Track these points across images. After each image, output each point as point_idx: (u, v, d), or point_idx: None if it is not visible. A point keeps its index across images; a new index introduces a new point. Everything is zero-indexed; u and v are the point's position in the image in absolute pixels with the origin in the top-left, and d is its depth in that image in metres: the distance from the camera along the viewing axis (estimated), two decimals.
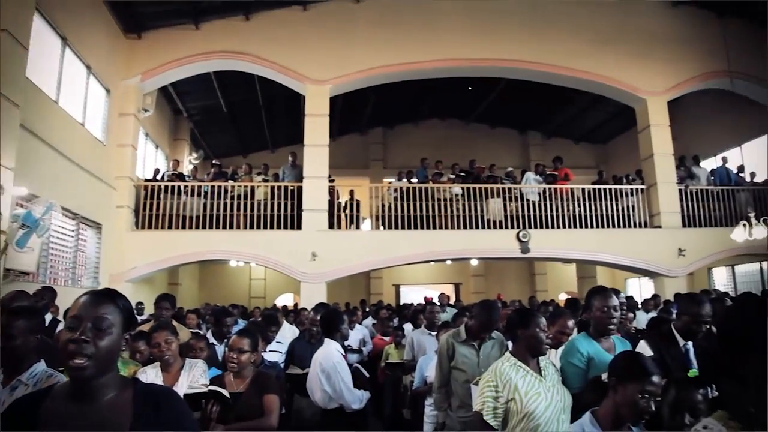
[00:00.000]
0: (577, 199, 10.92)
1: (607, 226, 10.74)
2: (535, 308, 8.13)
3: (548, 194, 10.86)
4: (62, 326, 4.57)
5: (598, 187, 11.10)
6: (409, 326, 6.61)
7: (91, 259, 9.03)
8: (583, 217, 10.72)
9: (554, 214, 10.68)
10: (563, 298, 14.51)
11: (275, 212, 10.13)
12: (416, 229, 10.37)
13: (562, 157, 11.86)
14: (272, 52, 10.43)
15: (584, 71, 11.07)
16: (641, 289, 14.73)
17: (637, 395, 2.01)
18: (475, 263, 15.90)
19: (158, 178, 10.96)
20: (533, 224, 10.56)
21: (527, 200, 10.80)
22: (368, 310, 11.02)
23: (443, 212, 10.56)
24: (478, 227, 10.49)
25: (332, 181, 10.86)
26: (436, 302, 7.92)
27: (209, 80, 11.75)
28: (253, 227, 10.07)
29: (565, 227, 10.65)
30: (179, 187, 10.25)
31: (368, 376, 4.38)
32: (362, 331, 7.21)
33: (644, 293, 12.98)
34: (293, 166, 10.83)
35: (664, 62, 11.22)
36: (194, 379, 3.16)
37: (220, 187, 10.33)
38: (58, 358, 2.53)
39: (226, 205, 10.16)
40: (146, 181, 10.63)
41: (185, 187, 10.28)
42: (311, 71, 10.48)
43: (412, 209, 10.49)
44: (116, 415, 1.37)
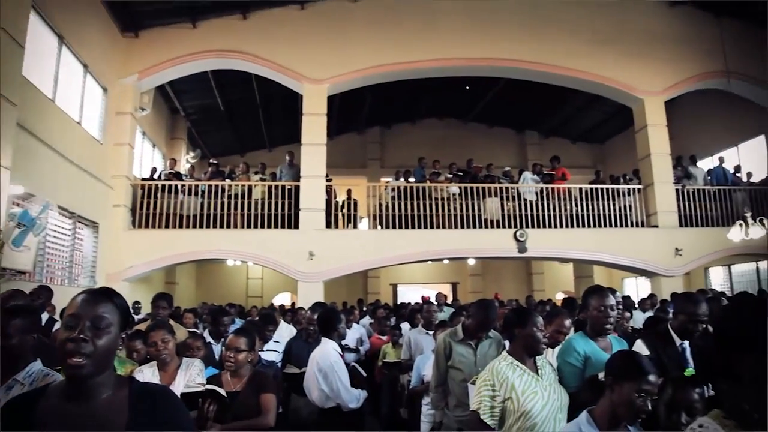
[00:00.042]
0: (574, 198, 10.94)
1: (604, 225, 10.76)
2: (532, 307, 8.13)
3: (545, 194, 10.87)
4: (59, 325, 4.57)
5: (595, 186, 11.12)
6: (406, 325, 6.60)
7: (87, 258, 9.01)
8: (580, 216, 10.74)
9: (551, 213, 10.69)
10: (560, 297, 14.50)
11: (272, 211, 10.12)
12: (413, 228, 10.37)
13: (559, 156, 11.87)
14: (270, 51, 10.42)
15: (582, 71, 11.08)
16: (638, 288, 14.76)
17: (633, 394, 2.01)
18: (472, 263, 15.91)
19: (155, 177, 10.93)
20: (530, 224, 10.57)
21: (524, 200, 10.81)
22: (365, 309, 11.02)
23: (440, 212, 10.56)
24: (475, 227, 10.50)
25: (329, 180, 10.85)
26: (433, 301, 7.93)
27: (206, 79, 11.72)
28: (250, 226, 10.06)
29: (562, 227, 10.67)
30: (176, 186, 10.23)
31: (365, 375, 4.37)
32: (359, 330, 7.21)
33: (641, 293, 13.00)
34: (290, 165, 10.82)
35: (661, 62, 11.25)
36: (191, 378, 3.15)
37: (217, 186, 10.32)
38: (54, 357, 2.53)
39: (223, 204, 10.15)
40: (143, 180, 10.60)
41: (182, 186, 10.26)
42: (309, 70, 10.47)
43: (409, 209, 10.49)
44: (112, 414, 1.37)
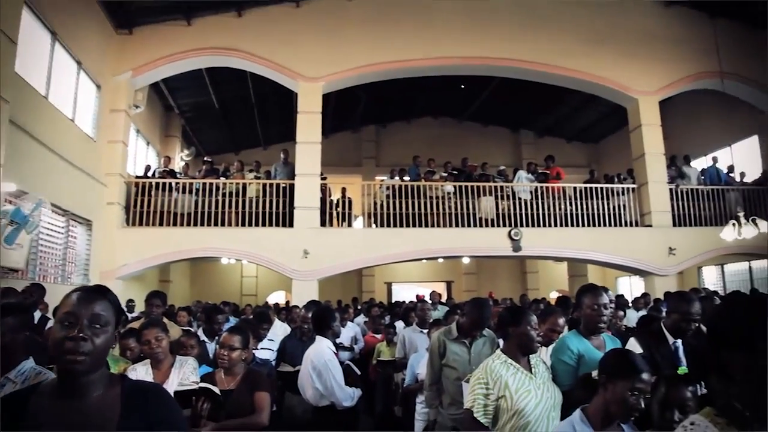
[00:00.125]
0: (568, 197, 10.96)
1: (598, 224, 10.80)
2: (526, 306, 8.15)
3: (540, 193, 10.89)
4: (51, 323, 4.55)
5: (589, 186, 11.15)
6: (400, 324, 6.62)
7: (81, 256, 8.96)
8: (574, 215, 10.77)
9: (546, 212, 10.72)
10: (554, 296, 14.58)
11: (267, 209, 10.10)
12: (408, 227, 10.37)
13: (554, 155, 11.91)
14: (265, 48, 10.39)
15: (577, 70, 11.11)
16: (632, 287, 14.83)
17: (627, 392, 2.02)
18: (466, 261, 15.95)
19: (149, 174, 10.89)
20: (525, 222, 10.59)
21: (519, 198, 10.83)
22: (360, 307, 11.03)
23: (435, 210, 10.56)
24: (470, 225, 10.51)
25: (324, 178, 10.83)
26: (427, 300, 7.94)
27: (201, 77, 11.67)
28: (244, 224, 10.04)
29: (556, 226, 10.70)
30: (170, 184, 10.19)
31: (360, 373, 4.38)
32: (354, 328, 7.22)
33: (635, 292, 13.06)
34: (285, 163, 10.81)
35: (656, 62, 11.29)
36: (185, 376, 3.14)
37: (211, 184, 10.29)
38: (46, 355, 2.51)
39: (217, 202, 10.12)
40: (137, 177, 10.56)
41: (176, 184, 10.23)
42: (304, 68, 10.44)
43: (404, 207, 10.49)
44: (104, 411, 1.36)
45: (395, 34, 10.74)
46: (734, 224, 9.04)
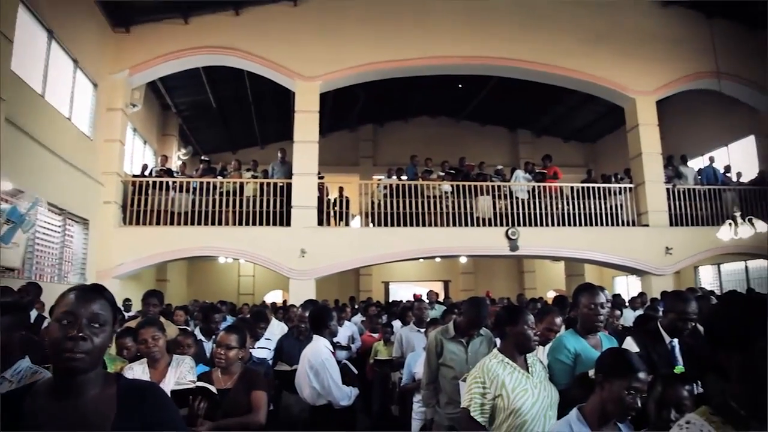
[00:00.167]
0: (565, 197, 10.98)
1: (595, 224, 10.81)
2: (523, 305, 8.16)
3: (537, 192, 10.91)
4: (48, 323, 4.53)
5: (586, 185, 11.18)
6: (397, 323, 6.61)
7: (77, 255, 8.94)
8: (571, 215, 10.79)
9: (543, 212, 10.73)
10: (551, 295, 14.57)
11: (264, 209, 10.09)
12: (406, 226, 10.37)
13: (551, 155, 11.90)
14: (262, 47, 10.37)
15: (574, 70, 11.11)
16: (629, 287, 14.85)
17: (623, 391, 2.02)
18: (464, 260, 15.96)
19: (146, 173, 10.87)
20: (522, 222, 10.60)
21: (516, 198, 10.84)
22: (357, 307, 11.02)
23: (433, 209, 10.57)
24: (467, 225, 10.51)
25: (321, 177, 10.83)
26: (424, 299, 7.95)
27: (198, 75, 11.65)
28: (242, 224, 10.02)
29: (553, 225, 10.71)
30: (167, 183, 10.17)
31: (357, 372, 4.38)
32: (351, 327, 7.21)
33: (632, 291, 13.09)
34: (282, 162, 10.80)
35: (653, 62, 11.30)
36: (181, 375, 3.14)
37: (208, 183, 10.27)
38: (42, 354, 2.51)
39: (214, 201, 10.10)
40: (134, 176, 10.53)
41: (174, 183, 10.21)
42: (301, 67, 10.43)
43: (401, 206, 10.49)
44: (100, 411, 1.36)
45: (393, 33, 10.74)
46: (731, 224, 9.06)
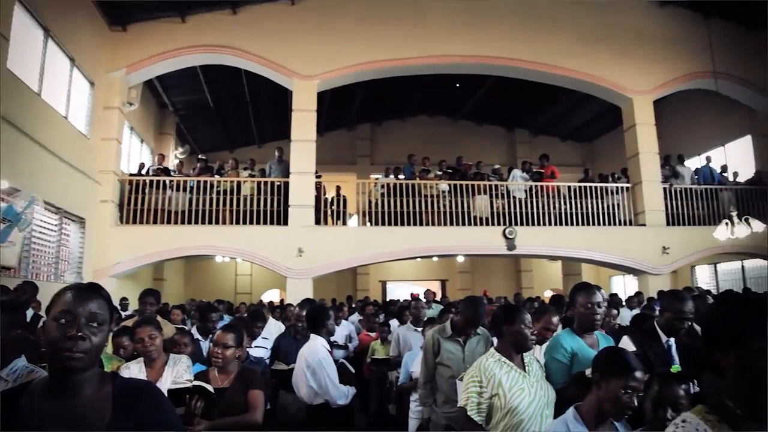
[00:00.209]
0: (563, 196, 11.01)
1: (592, 223, 10.83)
2: (520, 305, 8.18)
3: (535, 192, 10.91)
4: (45, 321, 4.51)
5: (584, 185, 11.19)
6: (395, 322, 6.61)
7: (74, 253, 8.92)
8: (568, 214, 10.80)
9: (540, 211, 10.74)
10: (548, 294, 14.61)
11: (261, 208, 10.08)
12: (403, 225, 10.37)
13: (548, 154, 11.92)
14: (259, 46, 10.35)
15: (572, 70, 11.12)
16: (625, 286, 14.89)
17: (620, 390, 2.03)
18: (461, 260, 15.97)
19: (143, 172, 10.85)
20: (519, 221, 10.61)
21: (514, 197, 10.85)
22: (354, 306, 11.03)
23: (430, 209, 10.56)
24: (464, 224, 10.52)
25: (319, 176, 10.82)
26: (421, 298, 7.95)
27: (195, 74, 11.62)
28: (239, 223, 10.01)
29: (551, 224, 10.72)
30: (164, 181, 10.15)
31: (354, 371, 4.38)
32: (348, 327, 7.22)
33: (628, 290, 13.12)
34: (280, 161, 10.79)
35: (650, 62, 11.32)
36: (178, 374, 3.13)
37: (206, 182, 10.25)
38: (38, 353, 2.50)
39: (212, 200, 10.08)
40: (131, 175, 10.51)
41: (171, 181, 10.20)
42: (299, 66, 10.42)
43: (398, 206, 10.49)
44: (96, 410, 1.35)
45: (391, 32, 10.73)
46: (727, 224, 9.08)
